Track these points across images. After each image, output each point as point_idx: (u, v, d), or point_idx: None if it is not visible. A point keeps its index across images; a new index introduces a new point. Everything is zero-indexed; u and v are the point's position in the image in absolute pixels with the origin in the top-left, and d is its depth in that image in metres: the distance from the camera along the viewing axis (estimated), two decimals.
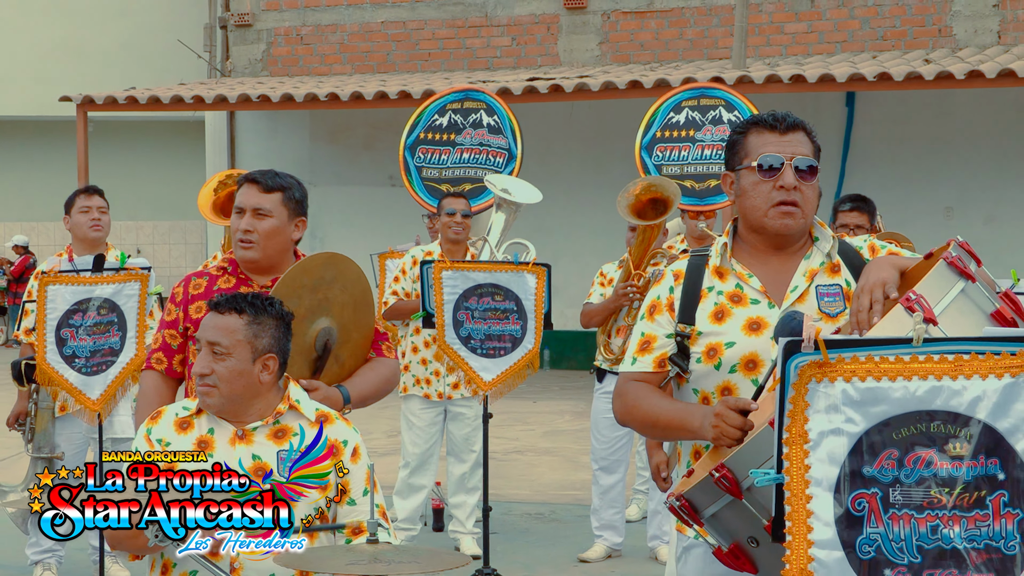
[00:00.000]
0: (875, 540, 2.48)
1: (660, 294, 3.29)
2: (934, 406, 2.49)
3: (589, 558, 7.18)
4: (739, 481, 2.72)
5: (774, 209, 3.18)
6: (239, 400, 3.52)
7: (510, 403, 11.54)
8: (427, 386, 7.30)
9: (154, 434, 3.57)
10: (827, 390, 2.51)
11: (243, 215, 4.18)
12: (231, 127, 17.01)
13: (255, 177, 4.24)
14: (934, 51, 14.10)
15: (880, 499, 2.48)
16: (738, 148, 3.26)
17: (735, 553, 2.80)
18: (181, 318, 4.23)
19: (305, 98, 14.45)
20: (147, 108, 15.40)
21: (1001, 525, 2.48)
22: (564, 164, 15.07)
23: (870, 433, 2.49)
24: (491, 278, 6.37)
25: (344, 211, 16.14)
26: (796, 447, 2.51)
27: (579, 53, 15.72)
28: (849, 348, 2.53)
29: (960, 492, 2.48)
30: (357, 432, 3.61)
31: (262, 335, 3.54)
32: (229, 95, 14.81)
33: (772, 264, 3.24)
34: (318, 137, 16.61)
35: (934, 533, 2.48)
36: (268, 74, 16.94)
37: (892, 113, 14.30)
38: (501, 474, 9.19)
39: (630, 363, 3.28)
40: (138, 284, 5.73)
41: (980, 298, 2.78)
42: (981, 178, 13.98)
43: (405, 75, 15.95)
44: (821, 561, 2.48)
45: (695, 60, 15.08)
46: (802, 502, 2.50)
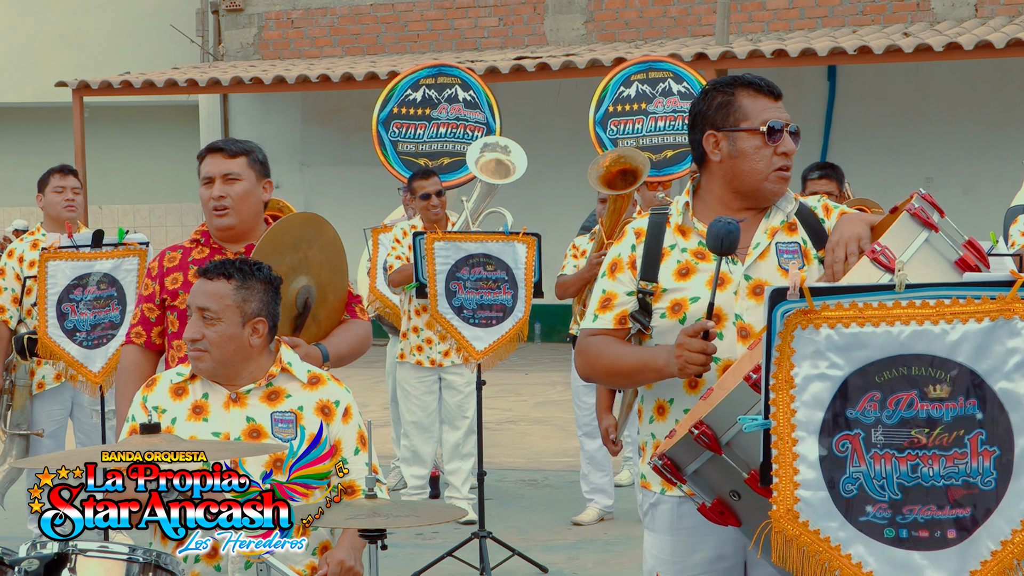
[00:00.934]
0: (857, 479, 2.55)
1: (621, 252, 3.30)
2: (916, 350, 2.54)
3: (582, 521, 7.35)
4: (718, 437, 2.76)
5: (775, 173, 3.20)
6: (231, 364, 3.56)
7: (503, 375, 11.78)
8: (418, 353, 7.45)
9: (150, 401, 3.63)
10: (812, 336, 2.55)
11: (212, 183, 4.16)
12: (224, 110, 17.20)
13: (218, 145, 4.23)
14: (913, 25, 14.33)
15: (863, 439, 2.54)
16: (731, 109, 3.22)
17: (719, 508, 2.84)
18: (157, 291, 4.24)
19: (297, 80, 14.65)
20: (142, 92, 15.57)
21: (979, 462, 2.55)
22: (551, 141, 15.29)
23: (853, 377, 2.55)
24: (482, 248, 6.48)
25: (337, 191, 16.37)
26: (782, 393, 2.57)
27: (565, 32, 15.94)
28: (833, 295, 2.57)
29: (940, 432, 2.54)
30: (349, 392, 3.66)
31: (251, 299, 3.58)
32: (222, 78, 15.01)
33: None
34: (310, 119, 16.81)
35: (914, 471, 2.54)
36: (260, 58, 17.14)
37: (873, 86, 14.52)
38: (495, 443, 9.43)
39: (591, 320, 3.29)
40: (136, 259, 5.82)
41: (944, 247, 2.85)
42: (960, 149, 14.21)
43: (395, 56, 16.16)
44: (806, 500, 2.55)
45: (679, 37, 15.30)
46: (788, 445, 2.56)
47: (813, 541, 2.55)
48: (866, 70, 14.19)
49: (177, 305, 4.20)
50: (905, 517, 2.55)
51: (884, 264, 2.76)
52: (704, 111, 3.27)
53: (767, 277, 3.18)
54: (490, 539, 6.45)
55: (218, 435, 3.56)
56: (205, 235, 4.28)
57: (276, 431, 3.54)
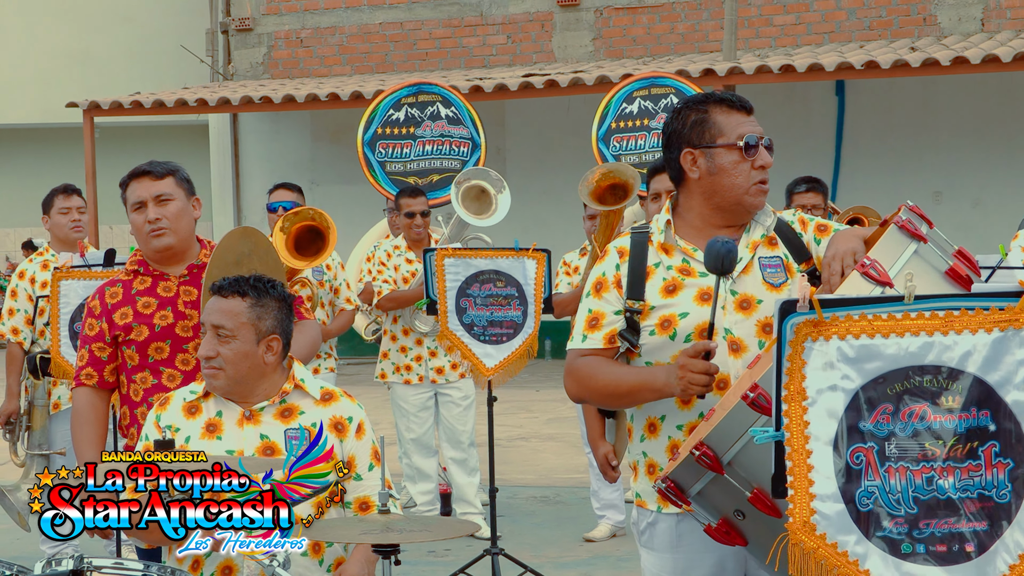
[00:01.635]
0: (873, 493, 2.54)
1: (606, 271, 3.30)
2: (926, 361, 2.55)
3: (595, 537, 7.33)
4: (719, 457, 2.78)
5: (755, 187, 3.22)
6: (245, 381, 3.58)
7: (514, 392, 11.78)
8: (407, 372, 7.44)
9: (163, 420, 3.65)
10: (823, 348, 2.56)
11: (144, 207, 4.13)
12: (234, 129, 17.27)
13: (144, 169, 4.20)
14: (919, 39, 14.34)
15: (876, 453, 2.54)
16: (705, 126, 3.23)
17: (724, 528, 2.84)
18: (106, 329, 4.18)
19: (306, 98, 14.70)
20: (152, 112, 15.63)
21: (993, 474, 2.54)
22: (560, 158, 15.32)
23: (865, 389, 2.55)
24: (492, 264, 6.47)
25: (347, 209, 16.34)
26: (795, 404, 2.57)
27: (573, 49, 15.98)
28: (843, 307, 2.58)
29: (953, 444, 2.54)
30: (362, 408, 3.68)
31: (265, 317, 3.60)
32: (232, 97, 15.07)
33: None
34: (320, 137, 16.86)
35: (929, 484, 2.54)
36: (269, 76, 17.20)
37: (880, 101, 14.53)
38: (506, 460, 9.42)
39: (580, 340, 3.28)
40: None
41: (934, 258, 2.87)
42: (968, 162, 14.21)
43: (403, 74, 16.21)
44: (823, 513, 2.54)
45: (686, 53, 15.33)
46: (803, 457, 2.55)
47: (831, 555, 2.54)
48: (873, 85, 14.20)
49: (134, 339, 4.16)
50: (922, 532, 2.55)
51: (874, 277, 2.77)
52: (679, 129, 3.28)
53: (752, 291, 3.20)
54: (502, 556, 6.44)
55: (232, 453, 3.56)
56: (142, 264, 4.25)
57: (290, 448, 3.54)
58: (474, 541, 7.10)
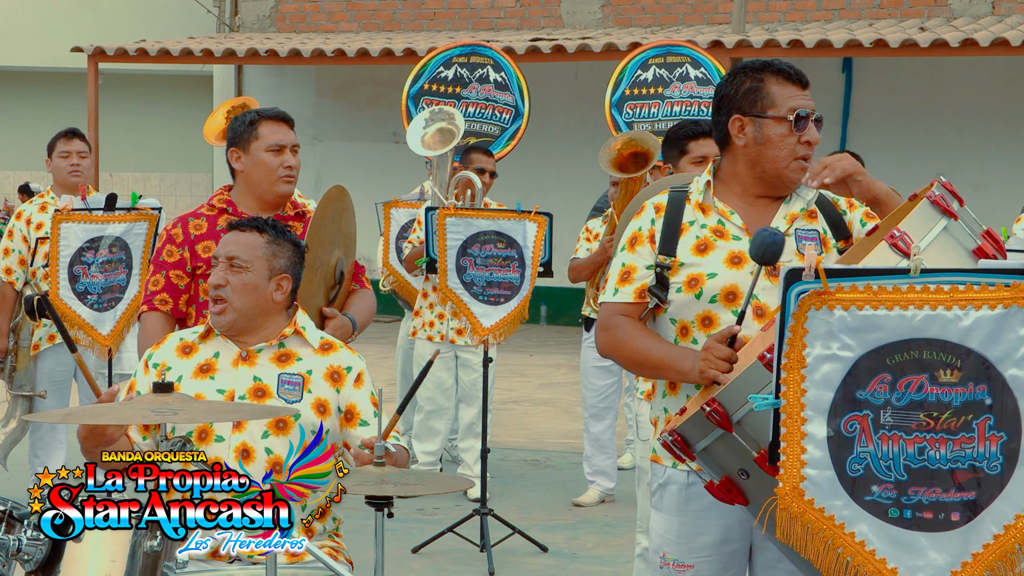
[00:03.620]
0: (864, 459, 2.56)
1: (641, 226, 3.32)
2: (929, 334, 2.56)
3: (583, 502, 7.38)
4: (730, 415, 2.77)
5: (796, 162, 3.22)
6: (250, 316, 3.60)
7: (508, 356, 11.81)
8: (430, 328, 7.46)
9: (153, 359, 3.65)
10: (826, 318, 2.56)
11: (283, 152, 4.28)
12: (239, 82, 17.20)
13: (284, 116, 4.35)
14: (930, 20, 14.30)
15: (871, 420, 2.56)
16: (759, 95, 3.24)
17: (727, 486, 2.84)
18: (188, 258, 4.25)
19: (312, 53, 14.65)
20: (157, 60, 15.57)
21: (986, 447, 2.56)
22: (564, 124, 15.28)
23: (864, 358, 2.56)
24: (494, 225, 6.51)
25: (348, 166, 16.36)
26: (793, 372, 2.58)
27: (582, 15, 15.92)
28: (848, 277, 2.58)
29: (948, 416, 2.56)
30: (362, 360, 3.69)
31: (280, 255, 3.64)
32: (238, 49, 15.02)
33: (755, 206, 3.29)
34: (323, 93, 16.81)
35: (921, 454, 2.55)
36: (276, 30, 17.13)
37: (887, 80, 14.50)
38: (498, 422, 9.45)
39: (612, 294, 3.31)
40: (147, 224, 5.81)
41: (962, 235, 2.86)
42: (972, 145, 14.19)
43: (410, 33, 16.15)
44: (812, 479, 2.56)
45: (695, 24, 15.28)
46: (797, 424, 2.57)
47: (817, 519, 2.57)
48: (881, 63, 14.17)
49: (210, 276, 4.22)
50: (910, 498, 2.57)
51: (902, 250, 2.76)
52: (731, 95, 3.28)
53: (784, 260, 3.16)
54: (491, 516, 6.49)
55: (223, 392, 3.58)
56: (231, 203, 4.32)
57: (281, 392, 3.57)
58: (463, 501, 7.15)
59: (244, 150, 4.30)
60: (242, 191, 4.34)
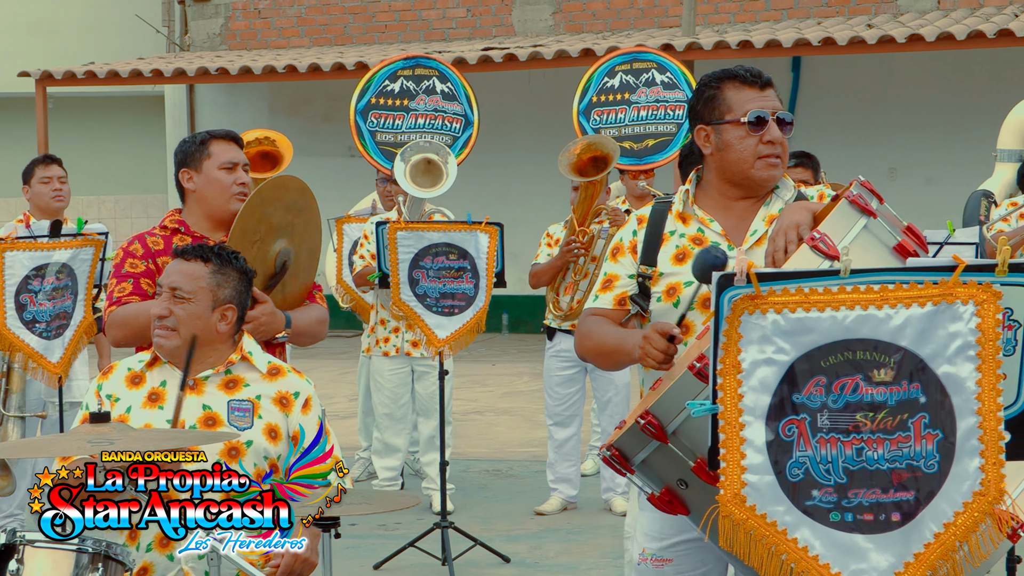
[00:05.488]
0: (804, 463, 2.56)
1: (624, 236, 3.42)
2: (861, 334, 2.56)
3: (545, 511, 7.37)
4: (664, 426, 2.79)
5: (761, 161, 3.28)
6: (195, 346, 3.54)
7: (469, 366, 11.79)
8: (385, 344, 7.48)
9: (104, 389, 3.62)
10: (759, 321, 2.57)
11: (236, 169, 4.29)
12: (191, 101, 17.12)
13: (235, 136, 4.37)
14: (877, 16, 14.40)
15: (809, 424, 2.56)
16: (716, 102, 3.31)
17: (667, 497, 2.87)
18: (154, 269, 4.21)
19: (263, 70, 14.60)
20: (106, 83, 15.47)
21: (922, 446, 2.57)
22: (521, 131, 15.30)
23: (799, 361, 2.57)
24: (445, 237, 6.49)
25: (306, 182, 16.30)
26: (730, 377, 2.59)
27: (533, 23, 15.94)
28: (780, 280, 2.60)
29: (884, 416, 2.56)
30: (310, 383, 3.66)
31: (225, 285, 3.61)
32: (188, 68, 14.94)
33: (734, 210, 3.35)
34: (277, 109, 16.75)
35: (859, 455, 2.56)
36: (227, 48, 17.06)
37: (837, 78, 14.58)
38: (460, 433, 9.43)
39: (592, 300, 3.42)
40: (92, 249, 5.76)
41: (882, 233, 2.89)
42: (922, 139, 14.29)
43: (362, 47, 16.12)
44: (753, 485, 2.56)
45: (646, 28, 15.32)
46: (736, 430, 2.58)
47: (760, 525, 2.57)
48: (830, 61, 14.25)
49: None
50: (850, 501, 2.57)
51: (824, 251, 2.80)
52: (694, 106, 3.39)
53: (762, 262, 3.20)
54: (452, 529, 6.47)
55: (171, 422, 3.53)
56: (183, 224, 4.31)
57: (232, 419, 3.55)
58: (426, 515, 7.12)
59: (196, 169, 4.30)
60: (194, 211, 4.33)
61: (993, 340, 2.55)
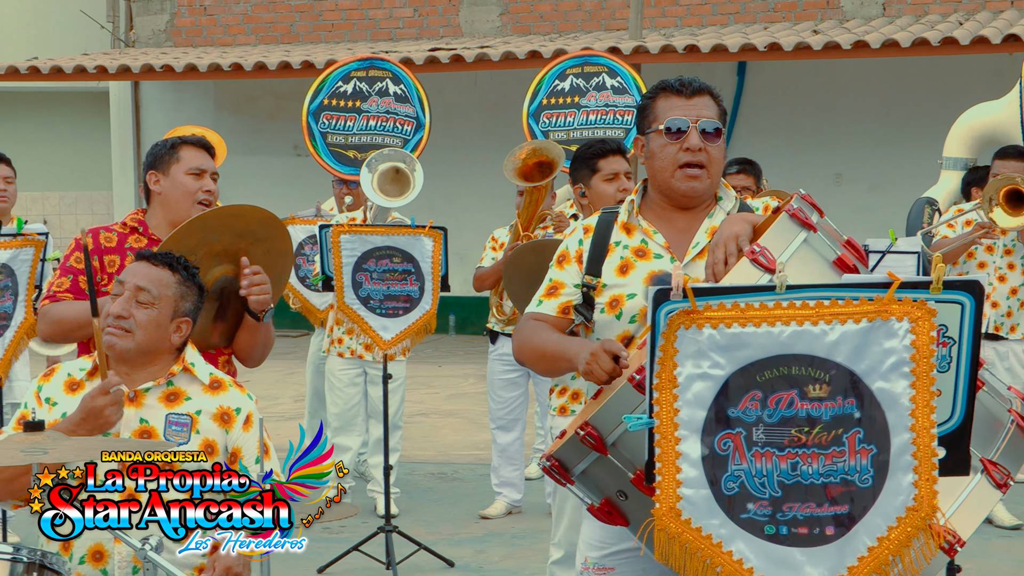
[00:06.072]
0: (739, 476, 2.58)
1: (569, 245, 3.42)
2: (796, 350, 2.58)
3: (490, 515, 7.39)
4: (604, 437, 2.79)
5: (680, 171, 3.27)
6: (144, 351, 3.53)
7: (416, 367, 11.76)
8: (340, 345, 7.48)
9: (44, 392, 3.58)
10: (695, 336, 2.58)
11: (203, 176, 4.33)
12: (136, 98, 16.97)
13: (206, 144, 4.39)
14: (822, 22, 14.52)
15: (744, 438, 2.58)
16: (647, 113, 3.35)
17: (607, 508, 2.87)
18: (98, 266, 4.23)
19: (209, 68, 14.50)
20: (49, 78, 15.31)
21: (856, 460, 2.58)
22: (467, 133, 15.29)
23: (735, 376, 2.58)
24: (389, 241, 6.48)
25: (250, 181, 16.21)
26: (666, 392, 2.60)
27: (480, 24, 15.93)
28: (716, 296, 2.60)
29: (819, 431, 2.58)
30: (252, 399, 3.64)
31: (187, 298, 3.60)
32: (132, 65, 14.81)
33: (677, 222, 3.35)
34: (223, 107, 16.64)
35: (794, 470, 2.58)
36: (172, 45, 16.93)
37: (782, 83, 14.68)
38: (405, 436, 9.37)
39: (535, 305, 3.40)
40: (32, 250, 5.66)
41: (822, 247, 2.91)
42: (867, 146, 14.40)
43: (308, 46, 16.04)
44: (688, 499, 2.58)
45: (593, 31, 15.36)
46: (671, 444, 2.58)
47: (695, 539, 2.59)
48: (776, 67, 14.34)
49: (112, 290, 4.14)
50: (785, 514, 2.59)
51: (763, 264, 2.81)
52: (636, 118, 3.45)
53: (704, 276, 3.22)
54: (396, 533, 6.46)
55: (107, 434, 3.48)
56: (143, 224, 4.34)
57: (168, 433, 3.52)
58: (371, 518, 7.10)
59: (164, 172, 4.33)
60: (157, 214, 4.36)
61: (927, 357, 2.58)
